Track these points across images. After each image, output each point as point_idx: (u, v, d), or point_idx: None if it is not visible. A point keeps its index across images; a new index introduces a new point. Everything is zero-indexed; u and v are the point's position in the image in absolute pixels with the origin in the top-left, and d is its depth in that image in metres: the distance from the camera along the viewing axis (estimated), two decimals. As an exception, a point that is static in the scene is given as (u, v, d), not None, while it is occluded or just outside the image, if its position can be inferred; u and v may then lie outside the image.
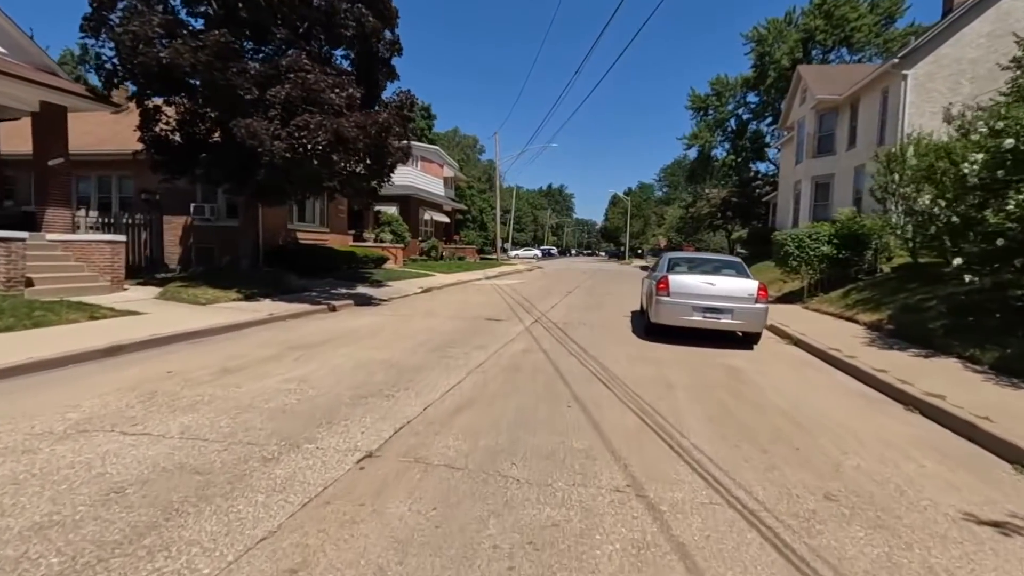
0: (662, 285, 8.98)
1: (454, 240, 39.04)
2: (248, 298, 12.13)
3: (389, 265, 25.09)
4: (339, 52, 14.12)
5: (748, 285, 8.84)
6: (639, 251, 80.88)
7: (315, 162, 11.12)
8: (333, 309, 12.09)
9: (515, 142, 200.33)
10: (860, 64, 24.63)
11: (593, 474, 3.66)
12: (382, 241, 26.42)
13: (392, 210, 30.33)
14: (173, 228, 19.22)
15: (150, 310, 9.86)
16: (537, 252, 73.77)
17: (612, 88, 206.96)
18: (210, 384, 5.61)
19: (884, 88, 19.20)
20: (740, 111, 42.67)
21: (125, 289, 12.08)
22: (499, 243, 43.53)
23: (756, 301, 8.69)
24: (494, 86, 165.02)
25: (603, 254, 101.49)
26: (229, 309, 10.66)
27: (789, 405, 5.53)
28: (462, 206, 43.20)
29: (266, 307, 11.13)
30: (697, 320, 8.74)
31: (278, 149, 10.69)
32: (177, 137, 13.69)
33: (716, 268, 9.86)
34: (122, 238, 12.18)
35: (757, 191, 39.85)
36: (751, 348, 8.93)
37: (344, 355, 7.17)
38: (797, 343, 9.34)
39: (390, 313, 11.82)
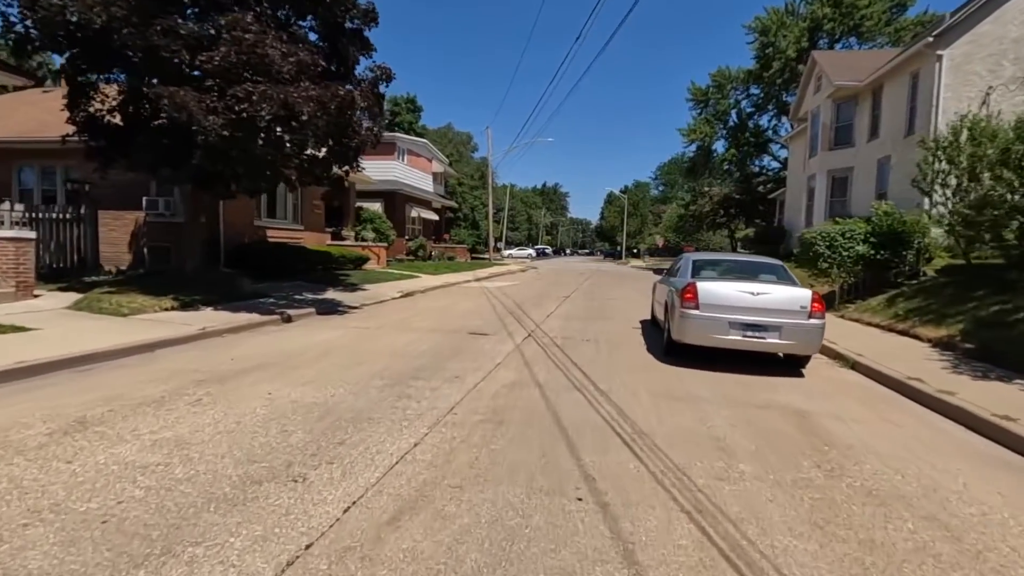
0: (688, 295, 7.08)
1: (444, 239, 37.07)
2: (185, 307, 10.16)
3: (371, 266, 23.12)
4: (306, 24, 12.17)
5: (798, 295, 6.95)
6: (635, 251, 79.17)
7: (260, 142, 9.17)
8: (288, 320, 10.13)
9: (509, 141, 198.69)
10: (880, 50, 22.85)
11: None
12: (363, 240, 24.43)
13: (376, 206, 28.34)
14: (124, 225, 17.21)
15: (47, 324, 7.87)
16: (531, 251, 71.91)
17: (609, 86, 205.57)
18: (31, 454, 3.66)
19: (914, 71, 17.41)
20: (743, 103, 40.90)
21: (36, 296, 10.07)
22: (491, 242, 41.60)
23: (810, 316, 6.81)
24: (490, 87, 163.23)
25: (599, 254, 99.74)
26: (153, 322, 8.68)
27: (915, 488, 3.63)
28: (452, 203, 41.20)
29: (203, 318, 9.16)
30: (735, 340, 6.84)
31: (213, 125, 8.73)
32: (117, 119, 11.70)
33: (752, 272, 7.96)
34: (30, 235, 10.17)
35: (760, 188, 38.11)
36: (801, 374, 7.05)
37: (265, 394, 5.23)
38: (855, 366, 7.47)
39: (356, 325, 9.87)
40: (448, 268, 26.72)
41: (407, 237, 31.41)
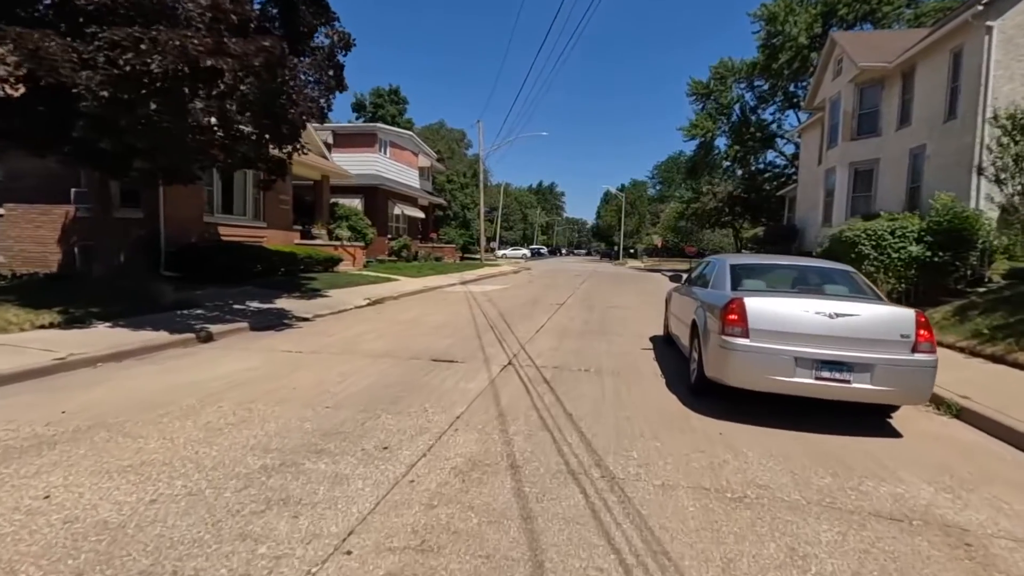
0: (732, 316, 4.91)
1: (431, 239, 34.83)
2: (72, 323, 7.93)
3: (344, 267, 20.90)
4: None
5: (897, 317, 4.78)
6: (631, 251, 77.14)
7: (153, 105, 6.96)
8: (205, 339, 7.93)
9: (504, 139, 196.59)
10: (910, 29, 20.74)
11: None
12: (338, 239, 22.18)
13: (355, 203, 26.11)
14: (52, 220, 15.03)
15: None
16: (526, 252, 69.81)
17: (605, 84, 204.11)
18: None
19: (956, 48, 15.32)
20: (746, 97, 38.82)
21: None
22: (483, 241, 39.41)
23: (915, 348, 4.64)
24: (484, 87, 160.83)
25: (596, 254, 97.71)
26: (1, 347, 6.45)
27: None
28: (441, 200, 38.94)
29: (81, 340, 6.94)
30: (805, 385, 4.66)
31: (88, 83, 6.53)
32: (18, 90, 9.47)
33: (814, 282, 5.82)
34: None
35: (766, 186, 36.06)
36: (893, 430, 4.90)
37: (39, 497, 3.03)
38: (961, 414, 5.32)
39: (289, 347, 7.66)
40: (433, 270, 24.52)
41: (390, 236, 29.17)
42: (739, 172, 39.02)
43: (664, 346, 8.50)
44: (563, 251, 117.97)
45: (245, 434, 4.12)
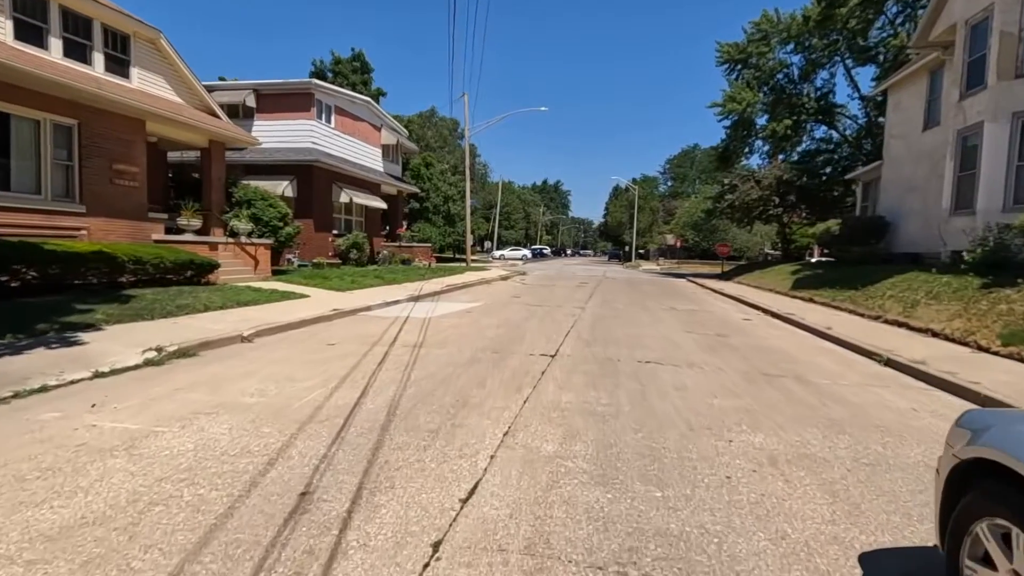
0: None
1: (399, 236, 27.78)
2: None
3: (230, 276, 13.88)
4: None
5: None
6: (642, 251, 69.72)
7: None
8: None
9: (498, 137, 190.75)
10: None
11: None
12: (234, 233, 15.13)
13: (281, 186, 19.07)
14: None
15: None
16: (526, 252, 62.62)
17: (608, 81, 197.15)
18: None
19: None
20: (795, 60, 31.46)
21: None
22: (468, 239, 32.30)
23: None
24: (485, 81, 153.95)
25: (603, 255, 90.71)
26: None
27: None
28: (414, 189, 31.88)
29: None
30: None
31: None
32: None
33: None
34: None
35: (826, 168, 28.85)
36: None
37: None
38: None
39: None
40: (380, 279, 17.41)
41: (336, 232, 22.15)
42: (791, 153, 31.69)
43: None
44: (568, 251, 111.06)
45: None
